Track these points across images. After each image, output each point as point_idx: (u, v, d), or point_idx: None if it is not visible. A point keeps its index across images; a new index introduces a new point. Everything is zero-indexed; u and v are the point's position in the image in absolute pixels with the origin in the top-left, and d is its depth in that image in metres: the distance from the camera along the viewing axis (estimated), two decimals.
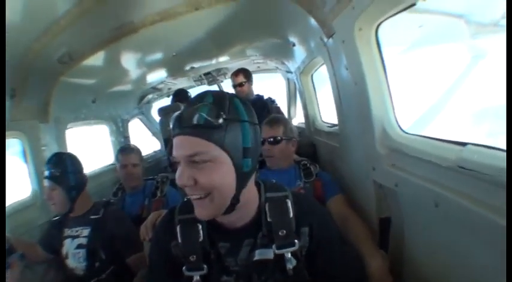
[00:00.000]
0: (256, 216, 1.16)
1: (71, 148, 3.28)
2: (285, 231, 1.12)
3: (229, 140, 1.01)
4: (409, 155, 1.50)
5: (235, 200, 1.06)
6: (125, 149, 3.06)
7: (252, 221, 1.16)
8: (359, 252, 1.63)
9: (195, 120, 0.97)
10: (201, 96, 1.05)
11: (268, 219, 1.14)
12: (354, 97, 1.92)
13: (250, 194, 1.15)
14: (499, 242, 0.94)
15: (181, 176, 1.00)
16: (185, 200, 1.26)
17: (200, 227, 1.17)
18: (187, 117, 0.98)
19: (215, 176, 1.01)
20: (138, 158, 2.98)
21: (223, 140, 1.00)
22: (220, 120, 0.99)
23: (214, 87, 5.13)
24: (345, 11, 1.69)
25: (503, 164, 0.96)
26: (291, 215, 1.15)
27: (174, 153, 1.02)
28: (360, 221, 1.93)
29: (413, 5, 1.40)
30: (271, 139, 2.34)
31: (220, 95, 1.06)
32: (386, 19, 1.59)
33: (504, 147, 1.02)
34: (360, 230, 1.85)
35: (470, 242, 1.10)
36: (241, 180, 1.06)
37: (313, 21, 2.11)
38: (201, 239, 1.16)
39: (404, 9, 1.47)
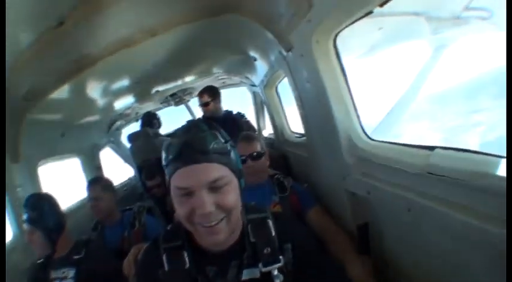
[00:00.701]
0: (240, 237, 1.18)
1: (46, 185, 3.15)
2: (269, 249, 1.14)
3: (234, 163, 1.09)
4: (378, 163, 1.51)
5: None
6: (89, 182, 2.95)
7: (237, 243, 1.17)
8: (340, 261, 1.63)
9: (210, 147, 1.01)
10: (195, 124, 1.08)
11: (252, 240, 1.17)
12: (317, 109, 1.92)
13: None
14: (470, 239, 0.98)
15: (204, 204, 0.99)
16: (168, 228, 1.28)
17: (186, 254, 1.17)
18: (198, 144, 1.01)
19: (234, 197, 1.06)
20: (101, 190, 2.85)
21: (232, 163, 1.07)
22: (228, 146, 1.07)
23: (182, 107, 5.15)
24: (301, 24, 1.70)
25: (472, 166, 1.00)
26: (273, 233, 1.18)
27: (189, 182, 1.00)
28: (340, 231, 1.94)
29: (370, 12, 1.42)
30: (255, 154, 2.30)
31: (208, 123, 1.11)
32: (343, 29, 1.60)
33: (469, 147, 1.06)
34: (339, 239, 1.87)
35: (443, 242, 1.13)
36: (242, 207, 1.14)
37: (271, 35, 2.11)
38: (187, 265, 1.16)
39: (361, 18, 1.48)
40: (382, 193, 1.48)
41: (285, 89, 3.34)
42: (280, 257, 1.13)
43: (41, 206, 2.20)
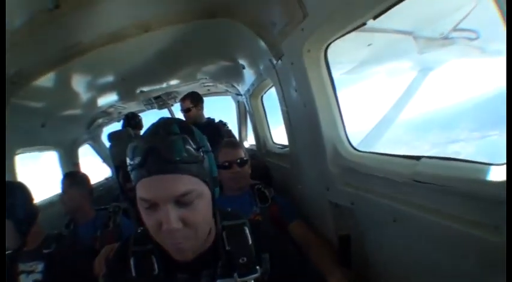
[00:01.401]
0: (213, 245, 1.11)
1: (21, 176, 3.07)
2: (245, 259, 1.07)
3: (206, 172, 0.99)
4: (363, 173, 1.51)
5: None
6: (64, 175, 2.89)
7: (210, 250, 1.10)
8: (320, 273, 1.62)
9: (177, 156, 0.91)
10: (165, 126, 0.98)
11: (227, 248, 1.09)
12: (303, 118, 1.93)
13: None
14: (458, 249, 0.97)
15: (169, 220, 0.90)
16: (139, 231, 1.19)
17: (155, 259, 1.09)
18: (165, 152, 0.90)
19: (203, 213, 0.98)
20: (73, 185, 2.79)
21: (204, 172, 0.97)
22: (201, 153, 0.97)
23: (165, 111, 5.10)
24: (294, 33, 1.71)
25: (459, 173, 1.00)
26: (250, 242, 1.10)
27: (153, 195, 0.91)
28: (322, 243, 1.92)
29: (363, 24, 1.43)
30: (239, 160, 2.28)
31: (183, 124, 1.01)
32: (335, 40, 1.62)
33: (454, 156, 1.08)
34: (320, 251, 1.84)
35: (432, 253, 1.11)
36: (214, 210, 1.06)
37: (262, 43, 2.13)
38: (155, 272, 1.08)
39: (354, 29, 1.49)
40: (366, 203, 1.47)
41: (271, 104, 3.37)
42: (257, 267, 1.07)
43: (13, 194, 2.13)
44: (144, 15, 2.20)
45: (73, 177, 2.89)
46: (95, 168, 5.21)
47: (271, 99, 3.17)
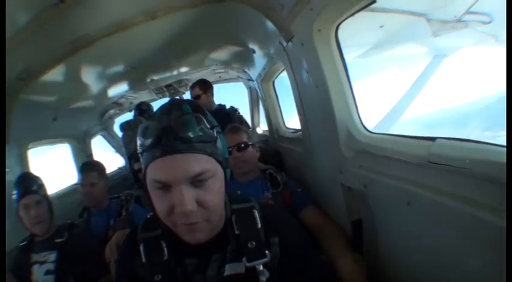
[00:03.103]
0: (223, 229, 1.08)
1: (34, 169, 3.11)
2: (254, 243, 1.05)
3: (220, 152, 0.97)
4: (377, 155, 1.47)
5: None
6: (84, 167, 2.92)
7: (219, 235, 1.07)
8: (332, 258, 1.59)
9: (192, 134, 0.89)
10: (177, 105, 0.95)
11: (236, 232, 1.07)
12: (315, 100, 1.90)
13: None
14: (475, 234, 0.93)
15: (184, 201, 0.87)
16: (148, 216, 1.19)
17: (164, 244, 1.08)
18: (180, 131, 0.88)
19: (218, 193, 0.97)
20: (97, 177, 2.82)
21: (217, 152, 0.96)
22: (215, 132, 0.95)
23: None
24: (303, 12, 1.67)
25: (474, 154, 0.95)
26: (259, 225, 1.08)
27: (167, 175, 0.88)
28: (335, 228, 1.90)
29: (373, 2, 1.38)
30: (242, 145, 2.27)
31: (194, 104, 0.98)
32: (345, 19, 1.57)
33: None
34: (332, 236, 1.82)
35: (446, 237, 1.07)
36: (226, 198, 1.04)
37: (271, 25, 2.08)
38: (165, 257, 1.07)
39: (363, 8, 1.45)
40: (379, 186, 1.44)
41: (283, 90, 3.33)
42: (266, 252, 1.05)
43: (37, 182, 2.24)
44: (151, 3, 2.19)
45: (96, 167, 2.93)
46: (108, 159, 5.26)
47: (283, 84, 3.14)
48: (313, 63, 1.74)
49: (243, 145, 2.27)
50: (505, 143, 0.89)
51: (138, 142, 0.94)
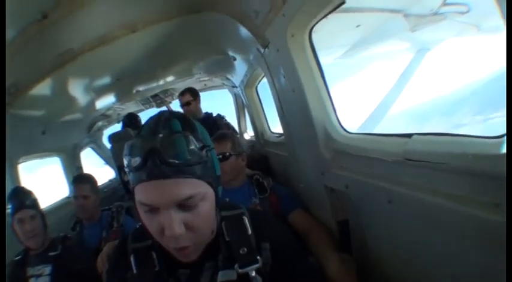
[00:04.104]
0: (213, 237, 1.08)
1: (25, 184, 3.10)
2: (245, 249, 1.04)
3: (210, 172, 0.94)
4: (355, 155, 1.49)
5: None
6: (76, 179, 2.93)
7: (210, 243, 1.07)
8: (321, 260, 1.61)
9: (179, 158, 0.84)
10: (166, 121, 0.91)
11: (227, 239, 1.07)
12: (293, 104, 1.92)
13: None
14: (457, 228, 0.94)
15: (173, 225, 0.85)
16: (137, 227, 1.18)
17: (155, 255, 1.07)
18: (166, 154, 0.83)
19: (207, 215, 0.94)
20: (89, 189, 2.83)
21: (208, 173, 0.92)
22: (204, 153, 0.90)
23: (163, 109, 5.05)
24: (276, 19, 1.70)
25: (451, 148, 0.97)
26: (250, 231, 1.08)
27: (153, 200, 0.85)
28: (322, 230, 1.92)
29: (342, 3, 1.39)
30: (220, 156, 2.24)
31: (184, 118, 0.95)
32: (317, 22, 1.60)
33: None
34: (321, 238, 1.84)
35: (429, 233, 1.09)
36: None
37: (248, 33, 2.11)
38: (156, 268, 1.06)
39: (334, 10, 1.47)
40: (360, 186, 1.46)
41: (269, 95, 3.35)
42: (258, 257, 1.04)
43: (30, 196, 2.26)
44: (129, 17, 2.21)
45: (89, 180, 2.94)
46: (98, 171, 5.25)
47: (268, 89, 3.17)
48: (289, 68, 1.76)
49: (222, 156, 2.26)
50: (499, 124, 0.88)
51: (125, 161, 0.90)
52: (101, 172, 5.29)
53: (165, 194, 0.84)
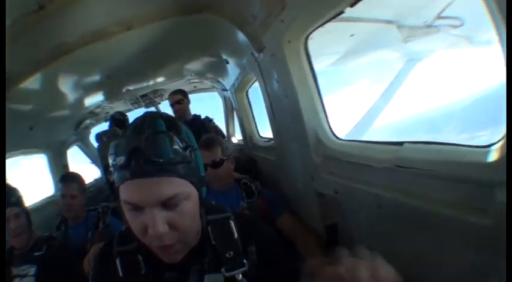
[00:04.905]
0: (200, 240, 1.07)
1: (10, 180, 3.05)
2: (232, 253, 1.04)
3: (194, 172, 0.94)
4: (346, 161, 1.52)
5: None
6: (65, 178, 2.88)
7: (197, 246, 1.06)
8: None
9: (163, 157, 0.85)
10: (151, 122, 0.91)
11: (213, 242, 1.06)
12: (286, 109, 1.94)
13: None
14: (446, 232, 0.97)
15: (156, 223, 0.84)
16: (123, 229, 1.15)
17: (141, 258, 1.05)
18: (150, 153, 0.84)
19: (191, 214, 0.94)
20: (77, 189, 2.79)
21: (191, 173, 0.92)
22: (188, 152, 0.90)
23: (152, 110, 5.03)
24: (274, 24, 1.71)
25: (440, 157, 0.99)
26: (236, 235, 1.07)
27: (137, 198, 0.86)
28: (311, 235, 1.93)
29: (341, 13, 1.42)
30: (216, 160, 2.24)
31: (169, 119, 0.96)
32: (314, 29, 1.63)
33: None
34: (306, 240, 1.87)
35: (418, 237, 1.11)
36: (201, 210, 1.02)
37: (244, 37, 2.13)
38: (143, 271, 1.04)
39: (333, 18, 1.49)
40: (350, 191, 1.48)
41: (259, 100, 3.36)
42: (245, 261, 1.04)
43: (15, 193, 2.20)
44: (126, 13, 2.19)
45: (77, 179, 2.90)
46: (84, 170, 5.17)
47: (259, 93, 3.18)
48: (283, 73, 1.79)
49: (217, 161, 2.24)
50: (478, 143, 0.91)
51: (110, 160, 0.90)
52: (87, 171, 5.21)
53: (149, 193, 0.85)
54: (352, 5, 1.34)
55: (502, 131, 0.80)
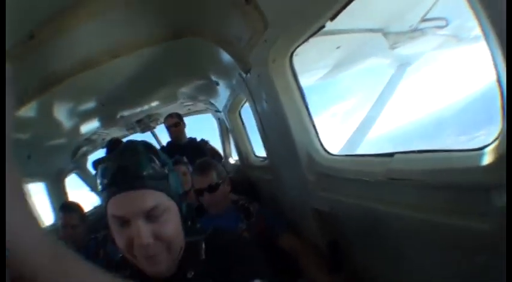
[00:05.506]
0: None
1: None
2: (192, 273, 1.05)
3: (172, 188, 1.02)
4: (339, 177, 1.52)
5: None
6: (65, 208, 2.85)
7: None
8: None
9: (144, 172, 0.94)
10: (131, 147, 1.01)
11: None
12: (276, 128, 1.95)
13: None
14: (445, 240, 0.96)
15: (141, 234, 0.91)
16: (119, 257, 1.19)
17: None
18: (134, 169, 0.94)
19: (173, 226, 0.99)
20: (78, 218, 2.76)
21: (170, 189, 1.00)
22: (166, 170, 1.00)
23: (148, 135, 5.09)
24: (259, 45, 1.73)
25: (433, 165, 0.98)
26: (203, 256, 1.09)
27: (123, 210, 0.92)
28: (312, 252, 1.91)
29: (322, 27, 1.44)
30: (208, 187, 2.18)
31: (146, 144, 1.04)
32: (298, 46, 1.64)
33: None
34: (311, 261, 1.85)
35: (418, 248, 1.11)
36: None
37: (231, 58, 2.14)
38: None
39: (315, 34, 1.51)
40: (345, 207, 1.47)
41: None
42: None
43: None
44: (110, 42, 2.21)
45: (78, 209, 2.87)
46: (83, 198, 5.14)
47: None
48: (270, 92, 1.79)
49: (212, 186, 2.19)
50: (483, 143, 0.89)
51: (98, 181, 0.99)
52: (86, 198, 5.17)
53: (133, 204, 0.92)
54: (332, 19, 1.36)
55: (500, 129, 0.79)
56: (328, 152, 1.67)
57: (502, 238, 0.75)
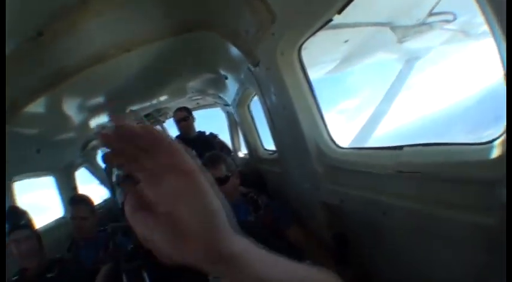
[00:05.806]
0: None
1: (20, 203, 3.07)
2: None
3: None
4: (349, 170, 1.52)
5: None
6: (74, 200, 2.90)
7: None
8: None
9: None
10: None
11: None
12: (285, 121, 1.95)
13: None
14: (452, 234, 0.97)
15: None
16: (129, 249, 1.25)
17: (146, 274, 1.10)
18: None
19: None
20: (87, 210, 2.78)
21: None
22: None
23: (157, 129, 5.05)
24: (266, 38, 1.74)
25: (441, 158, 0.99)
26: None
27: None
28: (319, 245, 1.94)
29: (330, 21, 1.43)
30: (222, 178, 2.15)
31: None
32: (306, 40, 1.64)
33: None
34: (317, 253, 1.88)
35: (425, 241, 1.11)
36: None
37: (239, 52, 2.14)
38: None
39: (322, 27, 1.50)
40: (355, 200, 1.48)
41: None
42: None
43: (25, 216, 2.20)
44: (123, 36, 2.23)
45: (87, 201, 2.90)
46: (93, 191, 5.17)
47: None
48: (279, 85, 1.80)
49: (222, 179, 2.17)
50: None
51: (114, 177, 0.97)
52: (95, 191, 5.21)
53: None
54: (339, 12, 1.35)
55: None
56: (337, 145, 1.67)
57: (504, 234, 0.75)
